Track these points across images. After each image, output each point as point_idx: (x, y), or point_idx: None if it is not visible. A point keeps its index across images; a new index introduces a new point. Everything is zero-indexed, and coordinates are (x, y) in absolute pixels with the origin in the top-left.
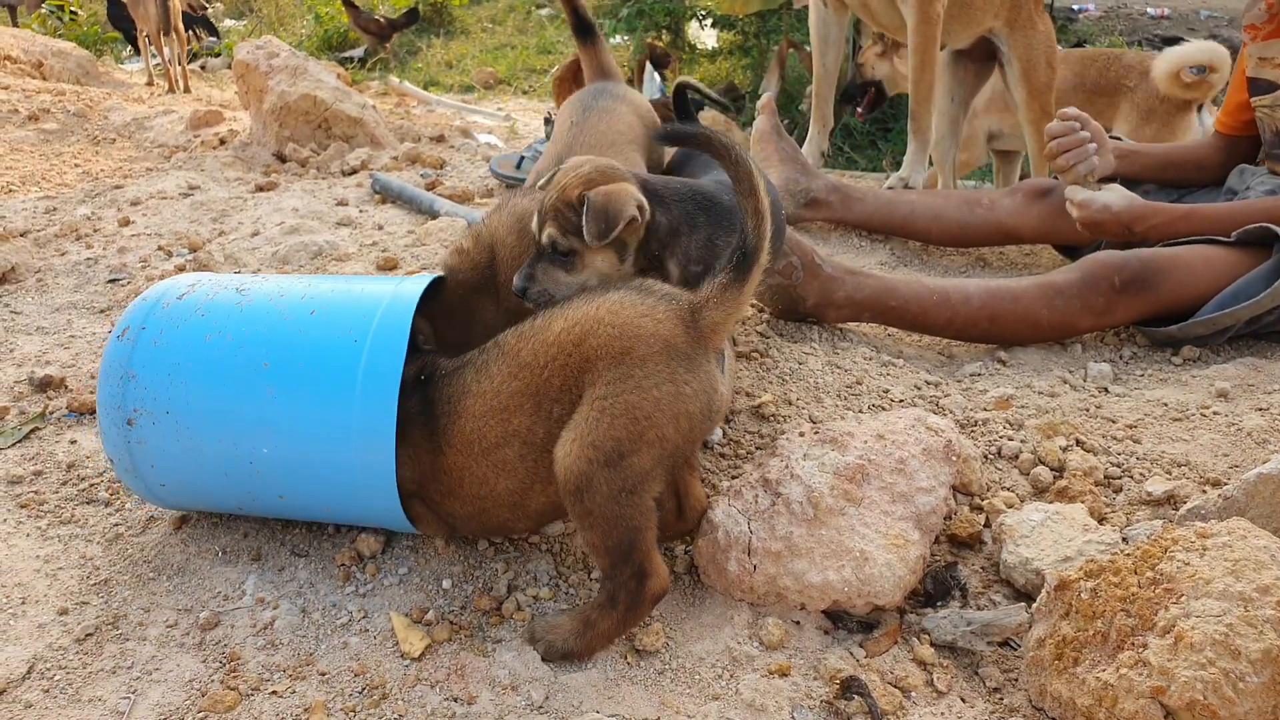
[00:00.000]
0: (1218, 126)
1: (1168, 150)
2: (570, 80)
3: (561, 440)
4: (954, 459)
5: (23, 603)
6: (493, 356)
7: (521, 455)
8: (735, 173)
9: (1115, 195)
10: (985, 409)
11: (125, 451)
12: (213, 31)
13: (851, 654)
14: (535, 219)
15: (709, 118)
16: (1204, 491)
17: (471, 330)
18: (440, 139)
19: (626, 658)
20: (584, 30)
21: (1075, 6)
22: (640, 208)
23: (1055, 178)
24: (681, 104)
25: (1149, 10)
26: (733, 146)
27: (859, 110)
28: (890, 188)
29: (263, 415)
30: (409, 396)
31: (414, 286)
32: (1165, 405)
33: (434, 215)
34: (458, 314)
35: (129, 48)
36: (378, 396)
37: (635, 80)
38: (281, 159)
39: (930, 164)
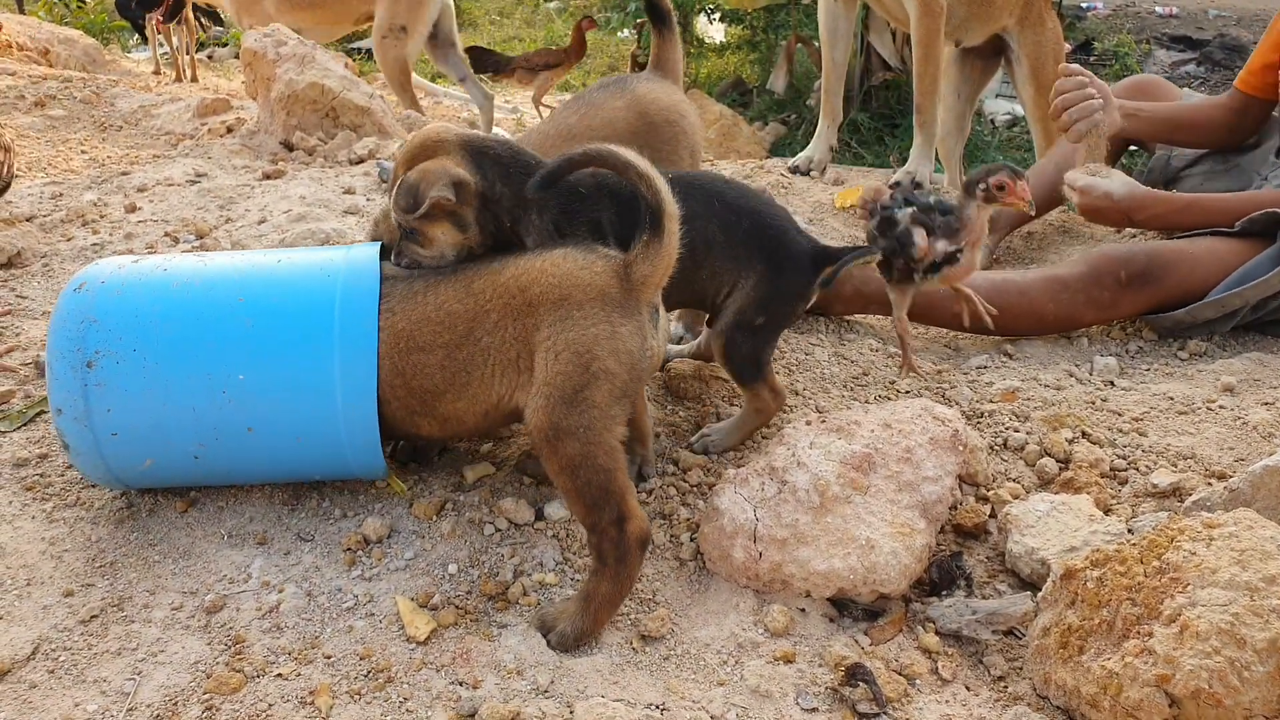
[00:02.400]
0: (1239, 84)
1: (1176, 110)
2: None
3: (530, 397)
4: (960, 449)
5: (28, 584)
6: (446, 279)
7: (442, 364)
8: (600, 158)
9: (1117, 182)
10: (991, 401)
11: (80, 396)
12: (218, 21)
13: (856, 641)
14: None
15: (715, 113)
16: (1209, 484)
17: None
18: None
19: (632, 643)
20: (658, 17)
21: (1083, 4)
22: (457, 184)
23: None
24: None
25: (1157, 9)
26: (589, 149)
27: None
28: (897, 182)
29: (240, 343)
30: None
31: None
32: (1171, 399)
33: None
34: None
35: (136, 36)
36: (358, 313)
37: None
38: (289, 147)
39: (937, 158)
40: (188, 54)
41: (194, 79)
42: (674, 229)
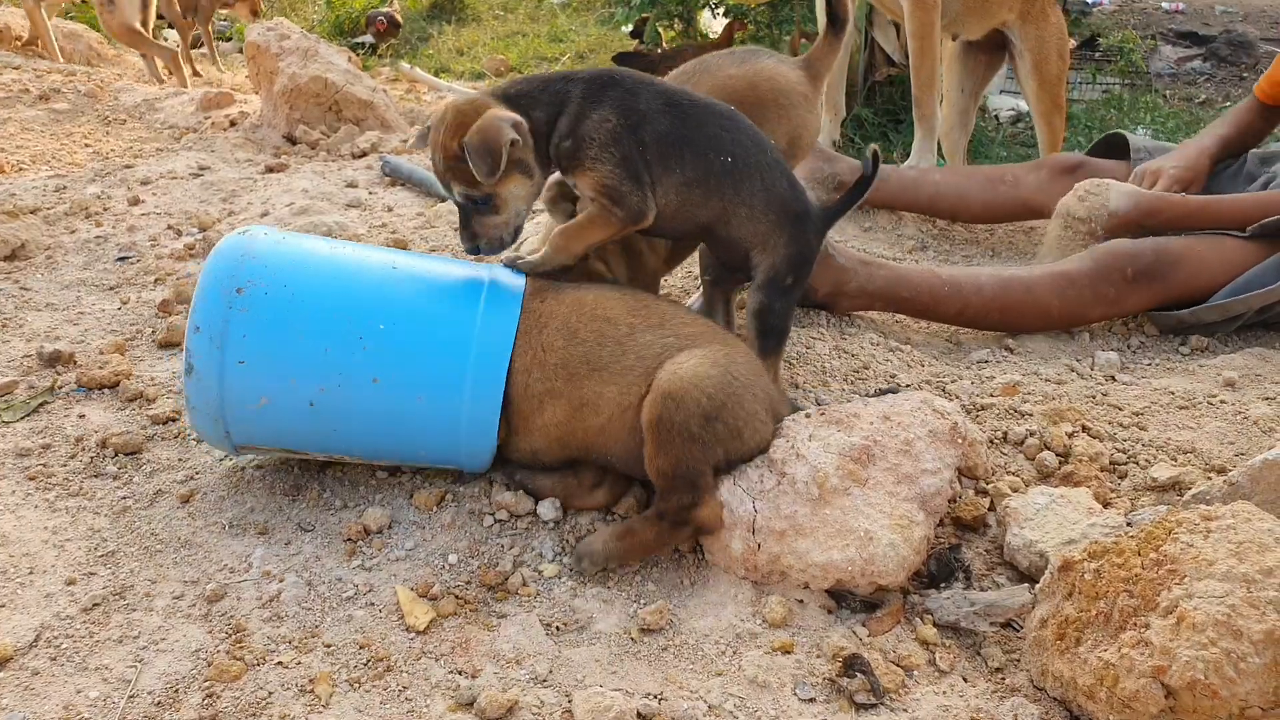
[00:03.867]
0: (1259, 94)
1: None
2: None
3: (681, 359)
4: (960, 442)
5: (30, 573)
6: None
7: (618, 340)
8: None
9: (1115, 195)
10: (992, 394)
11: (222, 317)
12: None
13: (854, 633)
14: (440, 185)
15: None
16: (1209, 478)
17: None
18: None
19: (630, 634)
20: (833, 20)
21: (1089, 0)
22: (516, 125)
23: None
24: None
25: (1163, 4)
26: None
27: None
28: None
29: (388, 298)
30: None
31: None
32: (1172, 394)
33: (443, 198)
34: None
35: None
36: (505, 301)
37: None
38: (292, 141)
39: (941, 154)
40: (209, 45)
41: (195, 74)
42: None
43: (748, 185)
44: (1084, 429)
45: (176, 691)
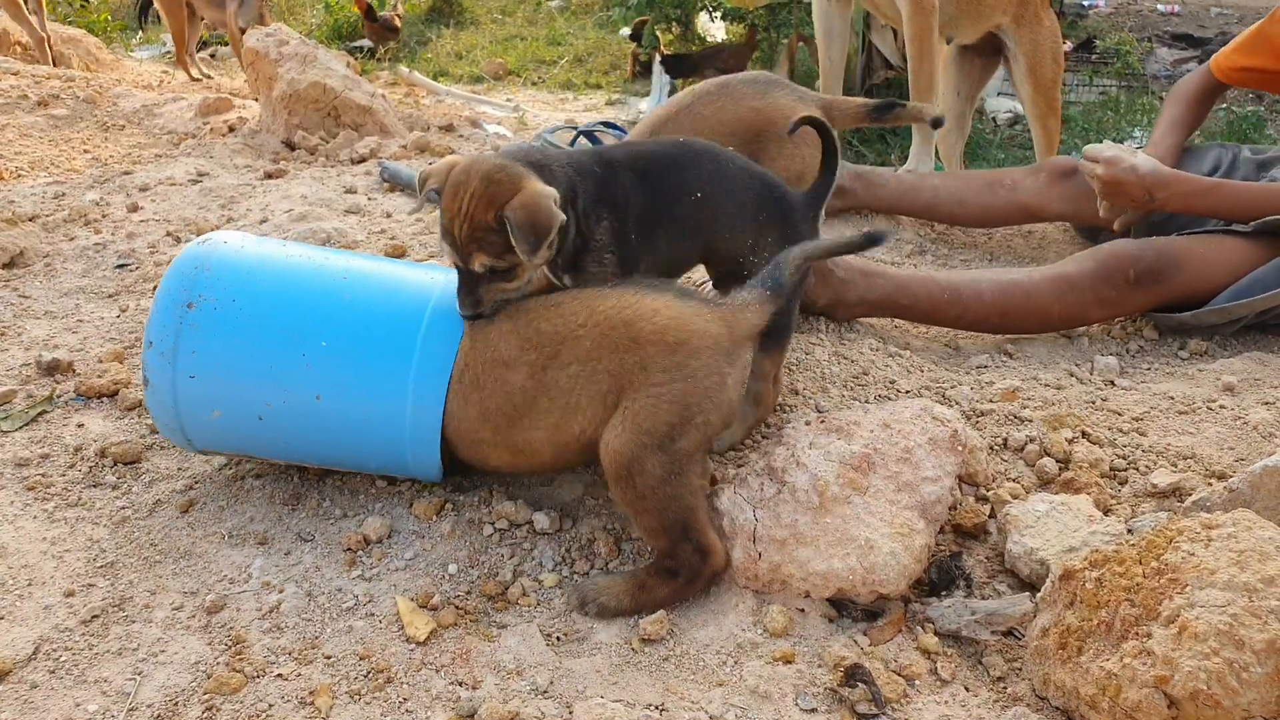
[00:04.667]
0: (1218, 72)
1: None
2: None
3: (610, 427)
4: (960, 449)
5: (29, 584)
6: (531, 297)
7: (523, 385)
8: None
9: (1142, 158)
10: (991, 400)
11: (173, 332)
12: None
13: (855, 642)
14: (453, 252)
15: None
16: (1209, 484)
17: None
18: (449, 129)
19: (631, 644)
20: (885, 110)
21: (1085, 2)
22: (556, 200)
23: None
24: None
25: (1159, 7)
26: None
27: None
28: None
29: (333, 313)
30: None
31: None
32: (1171, 398)
33: None
34: None
35: (139, 35)
36: (449, 313)
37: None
38: (290, 146)
39: (938, 157)
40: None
41: (192, 78)
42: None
43: (723, 210)
44: (1084, 435)
45: (176, 704)
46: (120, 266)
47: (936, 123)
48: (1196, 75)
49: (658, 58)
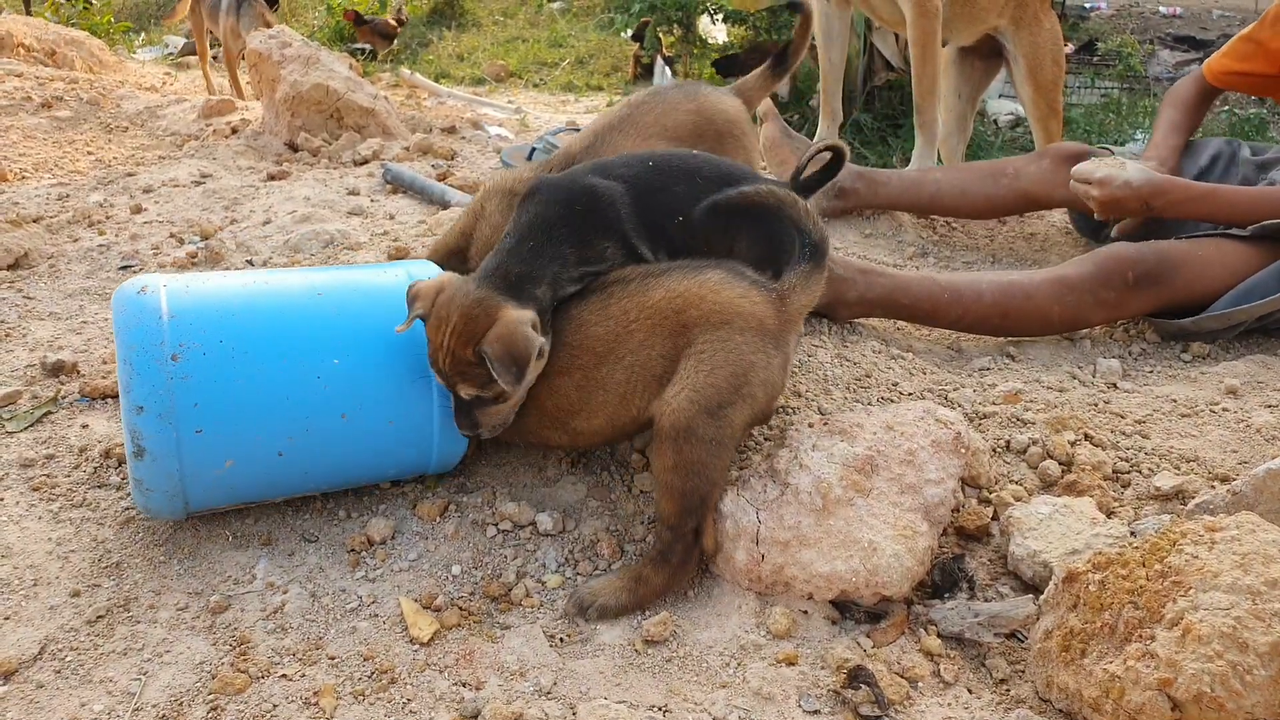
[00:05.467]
0: (1211, 77)
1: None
2: None
3: (668, 393)
4: (963, 451)
5: (35, 584)
6: (579, 303)
7: (579, 385)
8: (771, 204)
9: (1133, 170)
10: (994, 403)
11: (165, 390)
12: None
13: (859, 644)
14: (442, 381)
15: None
16: (1212, 487)
17: None
18: (451, 130)
19: (634, 645)
20: (780, 63)
21: (1087, 5)
22: (534, 324)
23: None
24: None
25: (1161, 9)
26: (759, 191)
27: None
28: None
29: (330, 330)
30: None
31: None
32: (1174, 401)
33: (445, 205)
34: None
35: (142, 35)
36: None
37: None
38: (293, 148)
39: (939, 159)
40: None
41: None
42: (827, 261)
43: (704, 224)
44: (1087, 437)
45: (181, 705)
46: (124, 268)
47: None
48: (1190, 80)
49: (660, 59)
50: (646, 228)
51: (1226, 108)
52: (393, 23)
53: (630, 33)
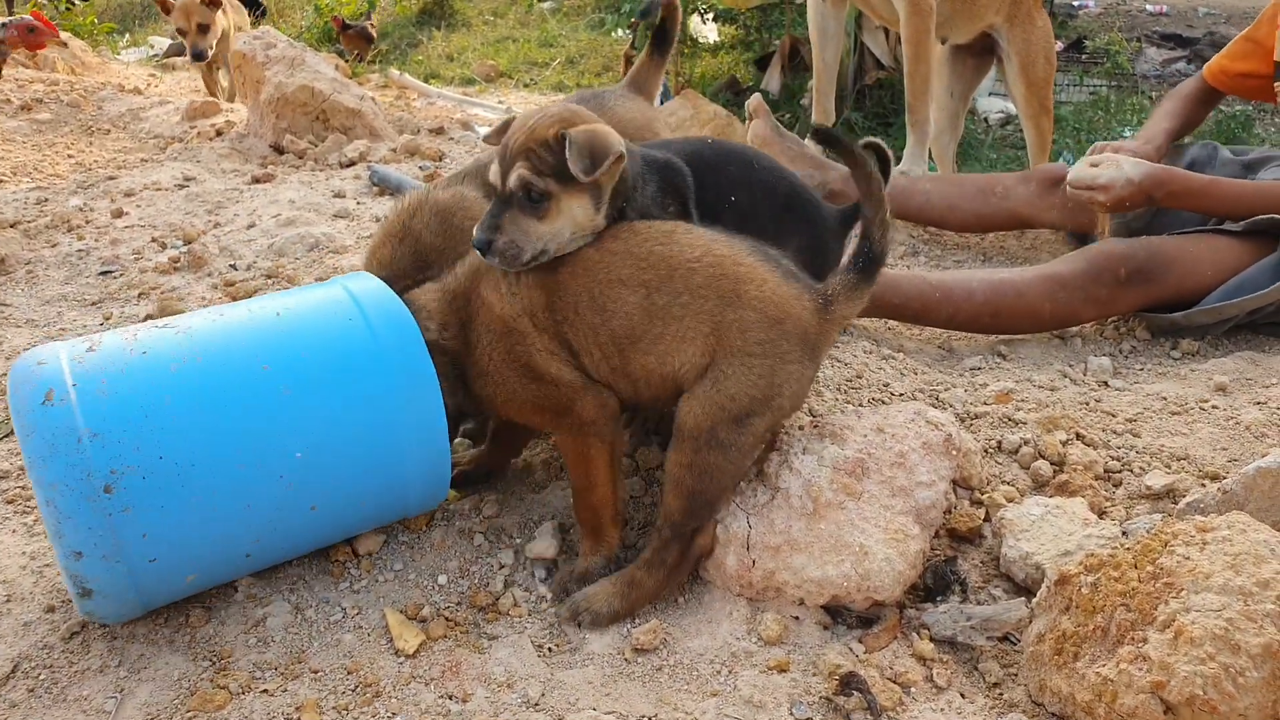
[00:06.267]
0: (1210, 78)
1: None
2: None
3: (696, 387)
4: (954, 453)
5: (8, 600)
6: (637, 224)
7: (641, 305)
8: (866, 186)
9: (1129, 166)
10: (985, 403)
11: (105, 529)
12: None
13: (850, 649)
14: (496, 164)
15: (710, 113)
16: (1203, 485)
17: None
18: (439, 131)
19: (624, 654)
20: (662, 40)
21: (1075, 3)
22: (623, 147)
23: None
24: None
25: (1148, 7)
26: (864, 160)
27: None
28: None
29: (285, 418)
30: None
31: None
32: (1164, 399)
33: None
34: None
35: (126, 37)
36: (411, 354)
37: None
38: (279, 150)
39: (930, 157)
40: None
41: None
42: (880, 272)
43: (755, 212)
44: (1078, 437)
45: None
46: (104, 273)
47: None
48: (1191, 81)
49: (643, 55)
50: (701, 204)
51: None
52: (372, 29)
53: (621, 32)
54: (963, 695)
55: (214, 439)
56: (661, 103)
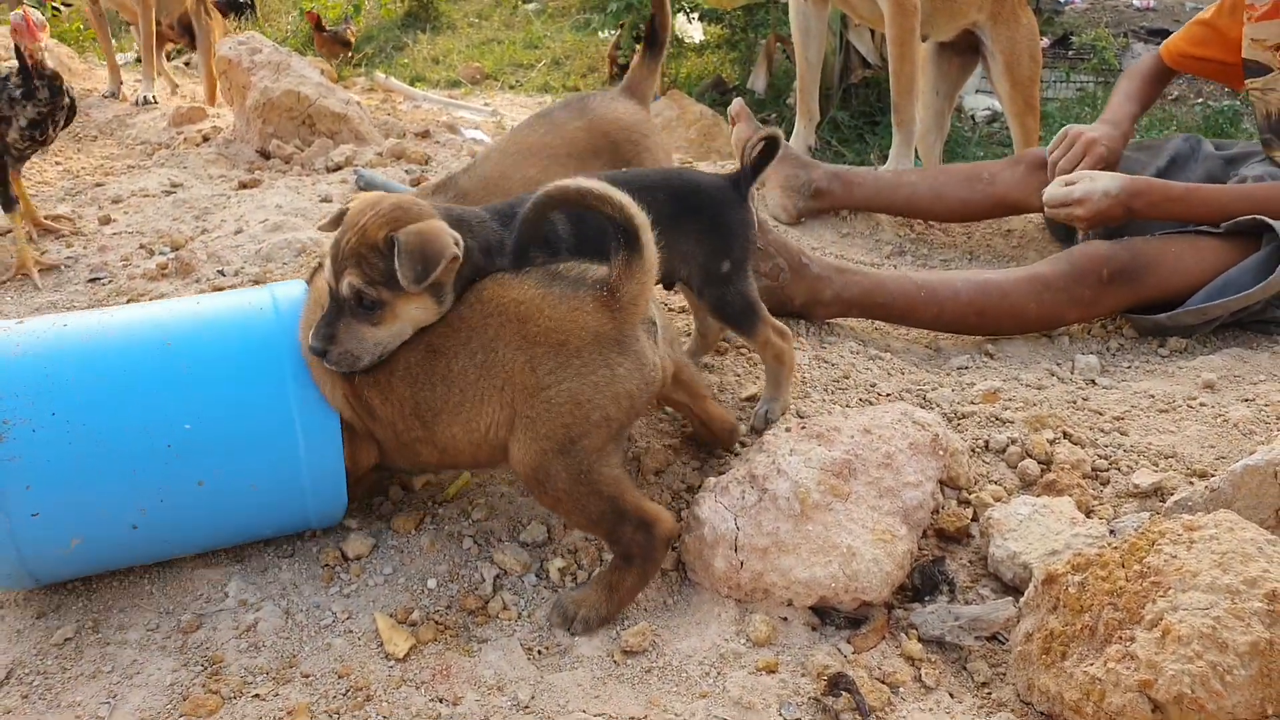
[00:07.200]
0: (1168, 58)
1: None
2: None
3: (514, 437)
4: (941, 453)
5: (1, 607)
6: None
7: (444, 374)
8: (553, 199)
9: (1106, 178)
10: (972, 402)
11: None
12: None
13: (839, 650)
14: (329, 266)
15: (695, 113)
16: (1191, 483)
17: None
18: (425, 135)
19: (613, 656)
20: (653, 42)
21: None
22: (456, 242)
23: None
24: None
25: (1134, 2)
26: (540, 198)
27: None
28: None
29: (182, 391)
30: None
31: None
32: (1152, 397)
33: None
34: None
35: (113, 43)
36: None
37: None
38: (265, 156)
39: (917, 156)
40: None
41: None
42: (649, 239)
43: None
44: (1065, 435)
45: None
46: (93, 280)
47: None
48: (1150, 57)
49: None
50: (583, 246)
51: (1201, 100)
52: (349, 35)
53: (607, 33)
54: (951, 695)
55: (107, 401)
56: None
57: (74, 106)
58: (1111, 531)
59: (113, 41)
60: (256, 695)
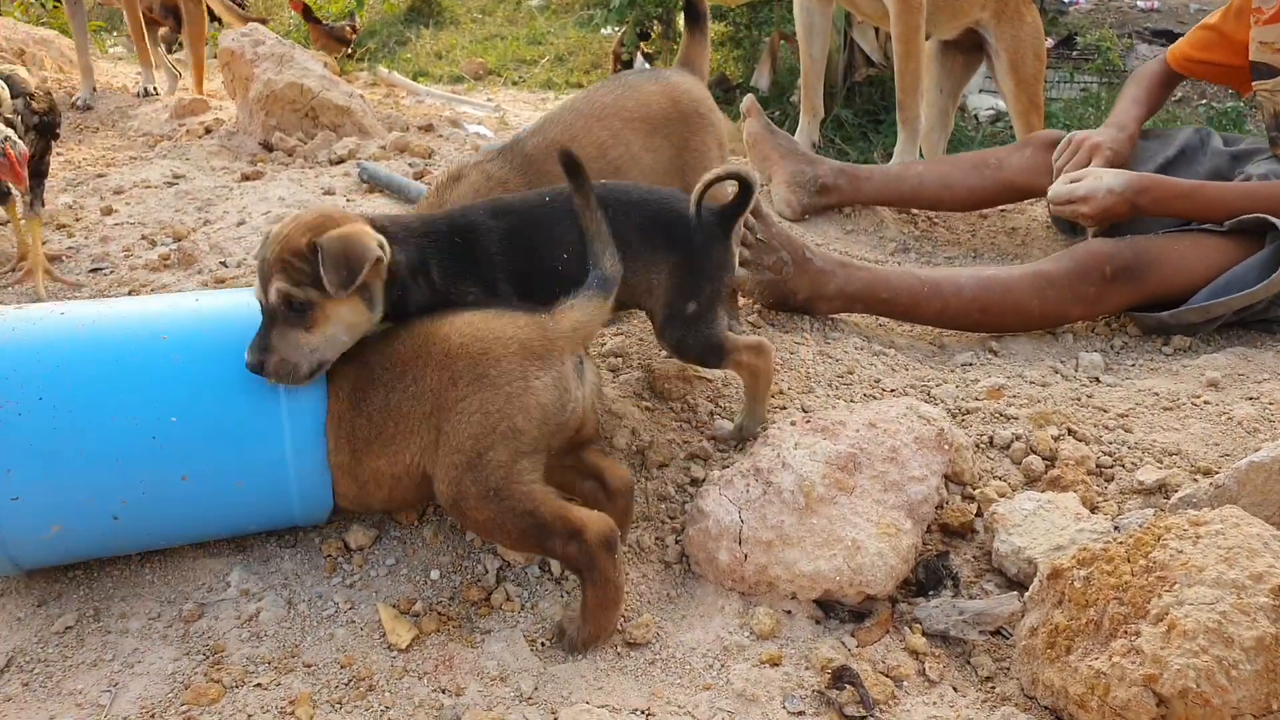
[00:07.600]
0: (1173, 63)
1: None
2: None
3: (437, 465)
4: (946, 448)
5: (1, 595)
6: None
7: (380, 407)
8: (583, 204)
9: (1110, 175)
10: (977, 398)
11: None
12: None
13: (843, 643)
14: (257, 282)
15: None
16: (1195, 480)
17: None
18: (429, 128)
19: (617, 648)
20: (694, 17)
21: None
22: (381, 245)
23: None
24: None
25: (1138, 3)
26: (588, 192)
27: None
28: None
29: (170, 384)
30: None
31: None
32: (1156, 394)
33: (414, 202)
34: None
35: (114, 34)
36: None
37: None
38: (268, 148)
39: (921, 154)
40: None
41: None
42: (615, 290)
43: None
44: (1070, 432)
45: (152, 716)
46: (94, 271)
47: None
48: (1155, 62)
49: (639, 56)
50: (516, 265)
51: (1205, 101)
52: (349, 30)
53: (609, 29)
54: (955, 689)
55: (95, 391)
56: None
57: (56, 120)
58: (1116, 527)
59: (114, 34)
60: (258, 685)
